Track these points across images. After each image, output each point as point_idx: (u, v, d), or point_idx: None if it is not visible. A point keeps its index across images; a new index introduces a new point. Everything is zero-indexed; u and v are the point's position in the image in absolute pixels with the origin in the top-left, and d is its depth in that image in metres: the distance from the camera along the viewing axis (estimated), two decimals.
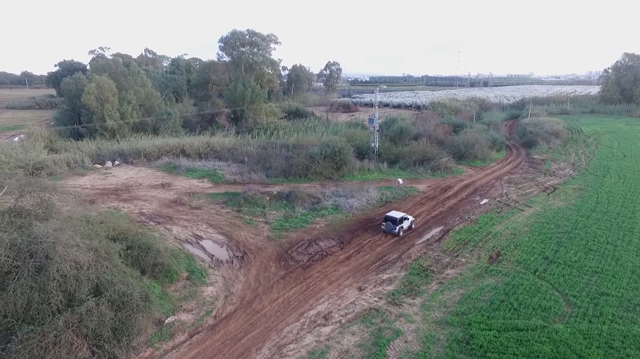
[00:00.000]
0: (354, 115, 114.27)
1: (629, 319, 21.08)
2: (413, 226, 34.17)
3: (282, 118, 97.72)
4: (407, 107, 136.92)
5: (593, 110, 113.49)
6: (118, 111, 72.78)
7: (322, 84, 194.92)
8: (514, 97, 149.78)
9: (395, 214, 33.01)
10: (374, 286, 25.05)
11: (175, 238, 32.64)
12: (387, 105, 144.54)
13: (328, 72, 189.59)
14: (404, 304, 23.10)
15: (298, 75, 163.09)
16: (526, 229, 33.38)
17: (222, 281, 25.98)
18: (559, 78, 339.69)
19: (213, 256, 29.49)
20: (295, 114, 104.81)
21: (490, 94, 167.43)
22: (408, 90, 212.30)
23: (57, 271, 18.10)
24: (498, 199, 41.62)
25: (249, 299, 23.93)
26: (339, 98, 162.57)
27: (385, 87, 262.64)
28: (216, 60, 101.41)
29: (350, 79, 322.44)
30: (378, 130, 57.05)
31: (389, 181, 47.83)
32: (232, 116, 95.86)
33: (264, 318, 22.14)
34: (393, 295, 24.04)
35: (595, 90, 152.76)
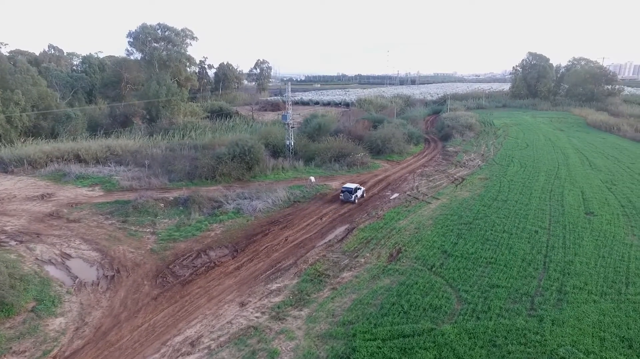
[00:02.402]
0: (282, 114, 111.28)
1: (514, 311, 20.42)
2: (365, 195, 39.73)
3: (204, 117, 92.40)
4: (337, 104, 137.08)
5: (505, 104, 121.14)
6: (2, 113, 63.42)
7: (254, 83, 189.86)
8: (437, 94, 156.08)
9: (350, 185, 38.69)
10: (259, 299, 22.33)
11: (37, 259, 27.46)
12: (317, 103, 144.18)
13: (258, 70, 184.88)
14: (289, 318, 20.62)
15: (226, 74, 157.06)
16: (430, 222, 32.71)
17: (77, 309, 21.73)
18: (479, 76, 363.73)
19: (77, 278, 24.98)
20: (218, 113, 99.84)
21: (416, 91, 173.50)
22: (340, 89, 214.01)
23: None
24: (408, 193, 41.06)
25: (106, 330, 20.03)
26: (270, 97, 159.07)
27: (318, 86, 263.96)
28: (125, 56, 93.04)
29: (285, 78, 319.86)
30: (293, 127, 54.71)
31: (303, 180, 45.63)
32: (148, 116, 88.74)
33: (118, 352, 18.45)
34: (279, 307, 21.48)
35: (507, 86, 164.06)
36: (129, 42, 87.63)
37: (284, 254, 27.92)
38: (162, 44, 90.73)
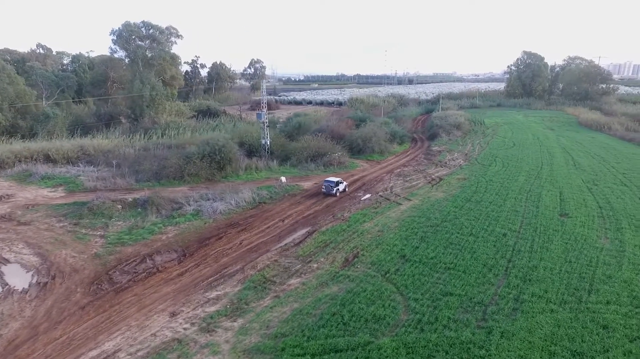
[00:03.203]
0: (273, 113, 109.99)
1: (463, 322, 18.79)
2: (347, 189, 40.53)
3: (191, 117, 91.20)
4: (330, 104, 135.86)
5: (499, 104, 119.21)
6: None
7: (249, 83, 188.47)
8: (432, 93, 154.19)
9: (333, 179, 39.91)
10: (193, 309, 20.78)
11: None
12: (310, 102, 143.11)
13: (252, 70, 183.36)
14: (219, 329, 19.07)
15: (219, 73, 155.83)
16: (396, 224, 31.09)
17: None
18: (478, 76, 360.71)
19: (7, 285, 23.48)
20: (205, 113, 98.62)
21: (412, 91, 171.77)
22: (337, 89, 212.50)
23: None
24: (380, 193, 39.45)
25: (19, 343, 18.52)
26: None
27: (316, 85, 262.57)
28: (109, 54, 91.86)
29: (283, 78, 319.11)
30: (268, 126, 53.20)
31: (276, 180, 44.07)
32: (133, 116, 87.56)
33: None
34: (211, 318, 19.92)
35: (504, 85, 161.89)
36: (112, 40, 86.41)
37: (233, 259, 26.38)
38: (147, 42, 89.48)
